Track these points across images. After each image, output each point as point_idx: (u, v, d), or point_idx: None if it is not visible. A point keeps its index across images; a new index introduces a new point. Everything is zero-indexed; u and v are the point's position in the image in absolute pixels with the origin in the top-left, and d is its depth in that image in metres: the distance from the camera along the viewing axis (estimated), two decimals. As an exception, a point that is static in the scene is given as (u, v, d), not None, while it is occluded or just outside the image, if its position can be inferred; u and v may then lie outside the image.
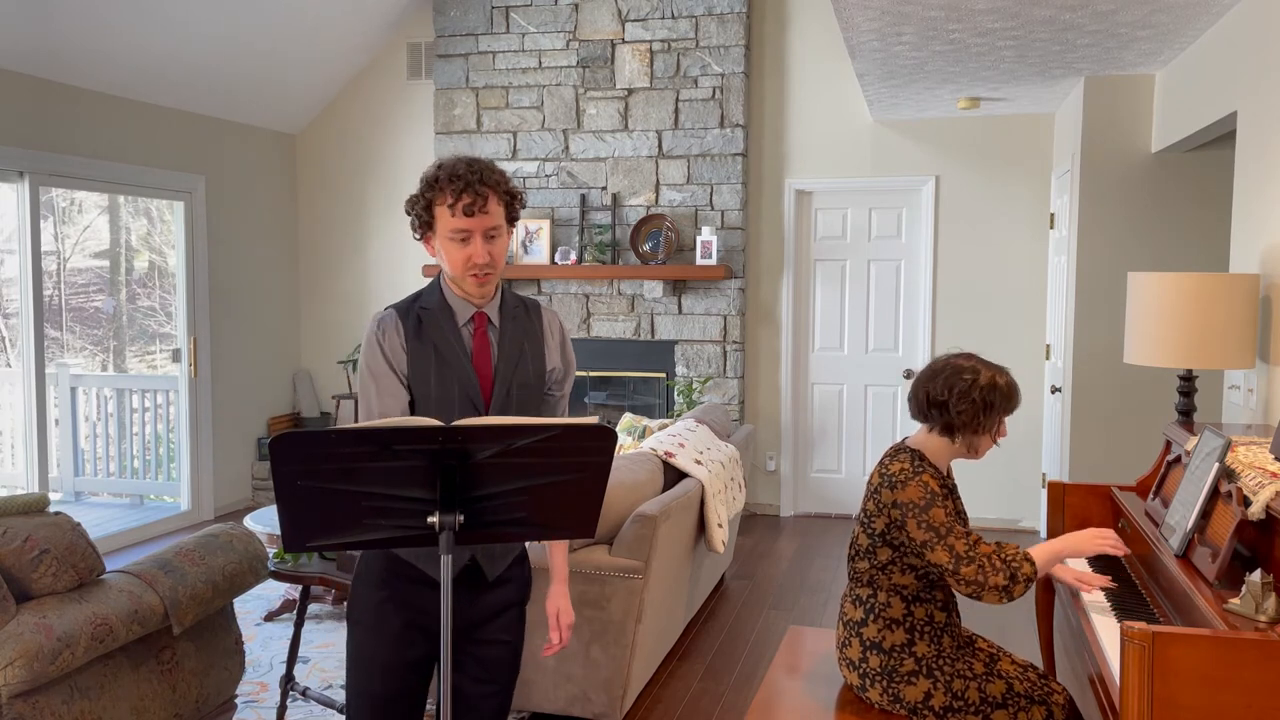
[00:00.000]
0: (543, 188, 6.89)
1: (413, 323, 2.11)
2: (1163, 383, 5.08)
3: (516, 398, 2.14)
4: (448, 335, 2.11)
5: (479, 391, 2.10)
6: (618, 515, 3.61)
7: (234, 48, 6.23)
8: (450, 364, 2.09)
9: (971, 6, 3.83)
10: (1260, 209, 3.47)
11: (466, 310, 2.13)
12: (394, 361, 2.09)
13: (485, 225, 2.04)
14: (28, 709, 2.41)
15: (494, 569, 2.15)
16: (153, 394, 7.12)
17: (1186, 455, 2.71)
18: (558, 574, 2.29)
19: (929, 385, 2.60)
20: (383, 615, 2.12)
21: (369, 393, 2.10)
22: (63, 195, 9.02)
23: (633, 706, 3.78)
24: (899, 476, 2.52)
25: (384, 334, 2.10)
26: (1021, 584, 2.42)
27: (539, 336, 2.21)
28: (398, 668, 2.13)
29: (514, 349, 2.15)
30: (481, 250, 2.05)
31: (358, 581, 2.18)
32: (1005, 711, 2.47)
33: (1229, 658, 1.85)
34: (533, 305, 2.24)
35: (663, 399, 6.84)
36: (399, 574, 2.12)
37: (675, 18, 6.58)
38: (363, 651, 2.15)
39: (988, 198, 6.44)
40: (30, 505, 2.67)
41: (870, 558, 2.58)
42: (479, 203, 2.02)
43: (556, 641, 2.26)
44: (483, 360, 2.12)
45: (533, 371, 2.17)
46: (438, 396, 2.08)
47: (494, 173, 2.07)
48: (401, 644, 2.12)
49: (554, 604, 2.27)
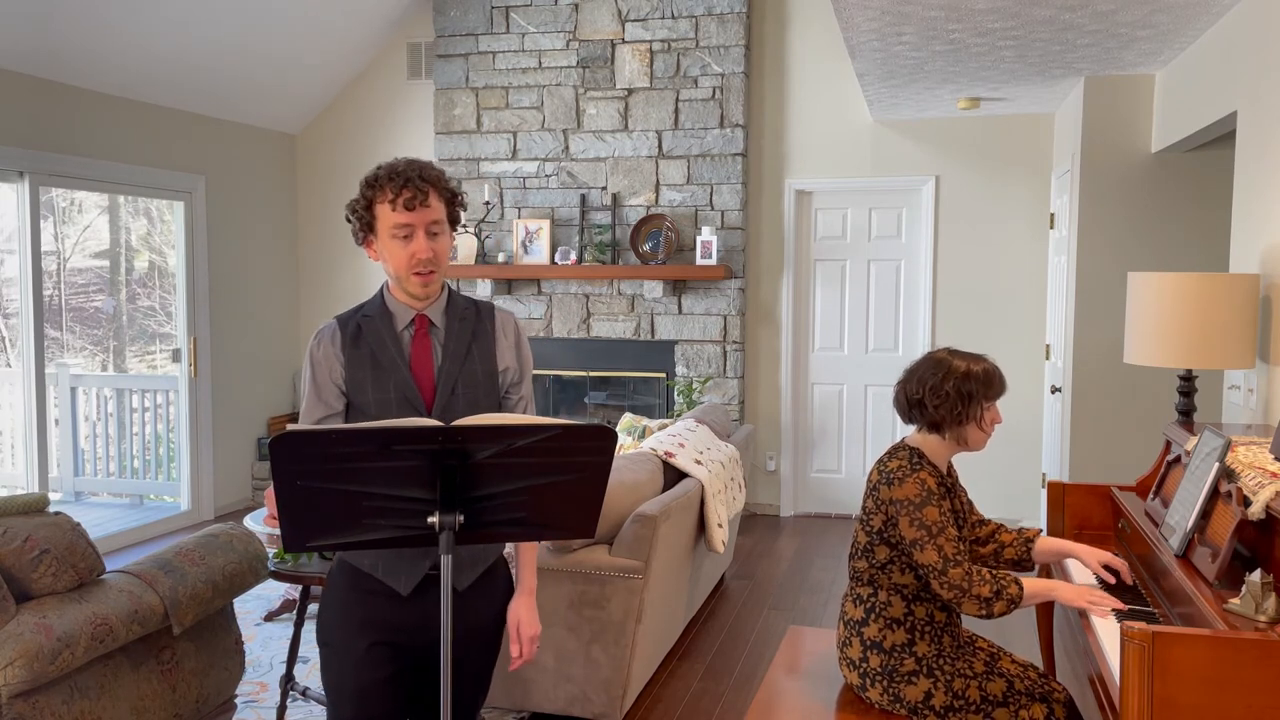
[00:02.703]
0: (543, 188, 6.89)
1: (351, 331, 2.11)
2: (1163, 383, 5.08)
3: (463, 399, 2.11)
4: (385, 340, 2.10)
5: (418, 394, 2.07)
6: (618, 515, 3.61)
7: (234, 48, 6.23)
8: (386, 368, 2.08)
9: (971, 6, 3.82)
10: (1260, 209, 3.47)
11: (407, 314, 2.12)
12: (326, 372, 2.10)
13: (427, 219, 2.04)
14: (28, 709, 2.41)
15: (460, 579, 2.11)
16: (153, 394, 7.12)
17: (1186, 455, 2.71)
18: (523, 584, 2.20)
19: (905, 386, 2.62)
20: (348, 637, 2.09)
21: (303, 403, 2.13)
22: (63, 195, 9.02)
23: (633, 706, 3.78)
24: (896, 473, 2.52)
25: (319, 344, 2.12)
26: (1004, 602, 2.41)
27: (489, 337, 2.18)
28: (369, 689, 2.08)
29: (459, 349, 2.13)
30: (424, 245, 2.04)
31: (323, 605, 2.15)
32: (1006, 710, 2.47)
33: (1229, 658, 1.85)
34: (485, 306, 2.22)
35: (663, 399, 6.84)
36: (361, 588, 2.09)
37: (675, 18, 6.58)
38: (332, 676, 2.11)
39: (988, 198, 6.44)
40: (30, 505, 2.67)
41: (869, 556, 2.58)
42: (420, 197, 2.02)
43: (517, 655, 2.15)
44: (423, 363, 2.10)
45: (482, 372, 2.14)
46: (376, 401, 2.07)
47: (434, 170, 2.08)
48: (370, 665, 2.08)
49: (515, 615, 2.16)
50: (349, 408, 2.12)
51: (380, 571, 2.07)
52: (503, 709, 3.65)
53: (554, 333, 6.91)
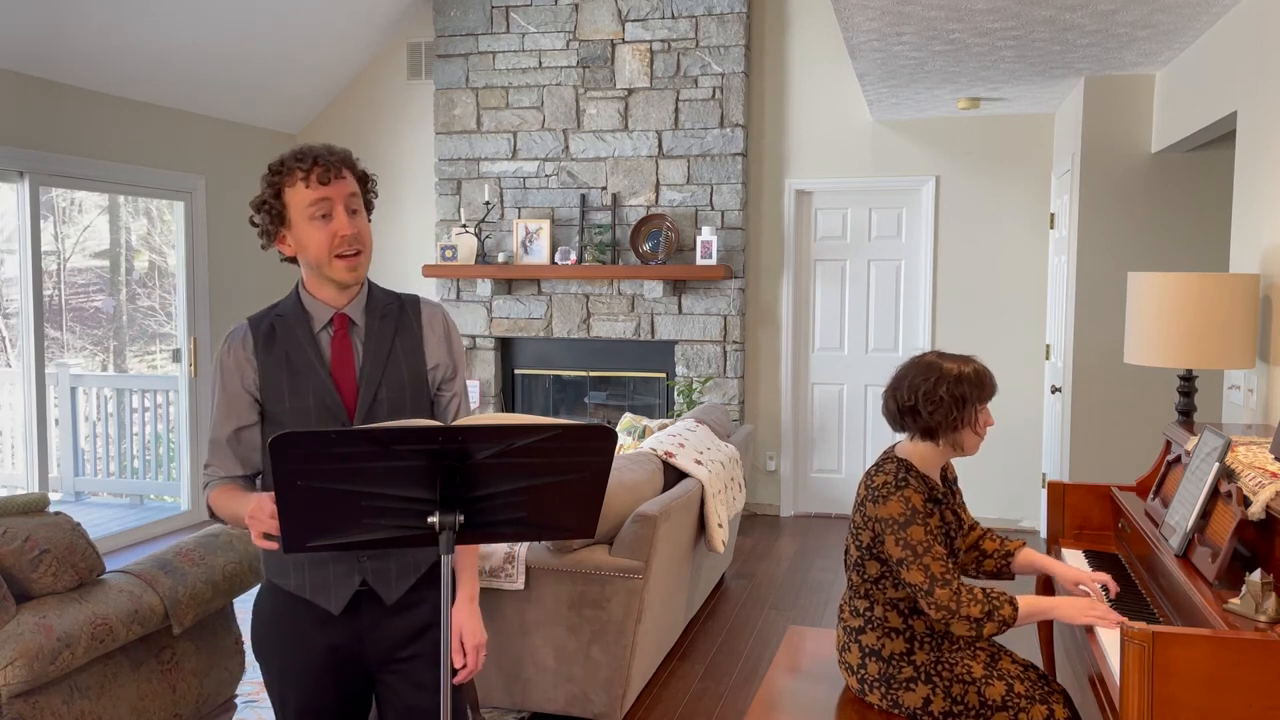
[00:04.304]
0: (543, 188, 6.89)
1: (264, 333, 1.98)
2: (1163, 383, 5.08)
3: (388, 402, 1.98)
4: (301, 342, 1.97)
5: (338, 399, 1.96)
6: (618, 515, 3.60)
7: (234, 48, 6.23)
8: (302, 373, 1.96)
9: (971, 6, 3.82)
10: (1260, 209, 3.47)
11: (325, 313, 1.99)
12: (237, 380, 1.98)
13: (344, 192, 1.92)
14: (28, 709, 2.41)
15: (391, 592, 1.98)
16: (153, 394, 7.12)
17: (1186, 455, 2.71)
18: (463, 589, 2.03)
19: (896, 393, 2.55)
20: (284, 659, 2.00)
21: (212, 415, 2.02)
22: (63, 195, 9.02)
23: (633, 706, 3.78)
24: (881, 490, 2.48)
25: (228, 350, 1.99)
26: (996, 623, 2.36)
27: (415, 333, 2.04)
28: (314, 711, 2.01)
29: (382, 350, 2.00)
30: (345, 222, 1.91)
31: (255, 624, 2.05)
32: (1005, 714, 2.46)
33: (1229, 658, 1.85)
34: (409, 300, 2.08)
35: (663, 399, 6.84)
36: (290, 609, 1.99)
37: (675, 18, 6.58)
38: (275, 696, 2.04)
39: (988, 198, 6.44)
40: (30, 505, 2.67)
41: (861, 571, 2.56)
42: (333, 170, 1.91)
43: (461, 666, 1.99)
44: (344, 365, 1.97)
45: (408, 371, 2.01)
46: (293, 408, 1.95)
47: (341, 149, 1.97)
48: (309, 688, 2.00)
49: (456, 623, 2.00)
50: (263, 418, 2.00)
51: (308, 592, 1.97)
52: (503, 709, 3.65)
53: (554, 333, 6.91)
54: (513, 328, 6.97)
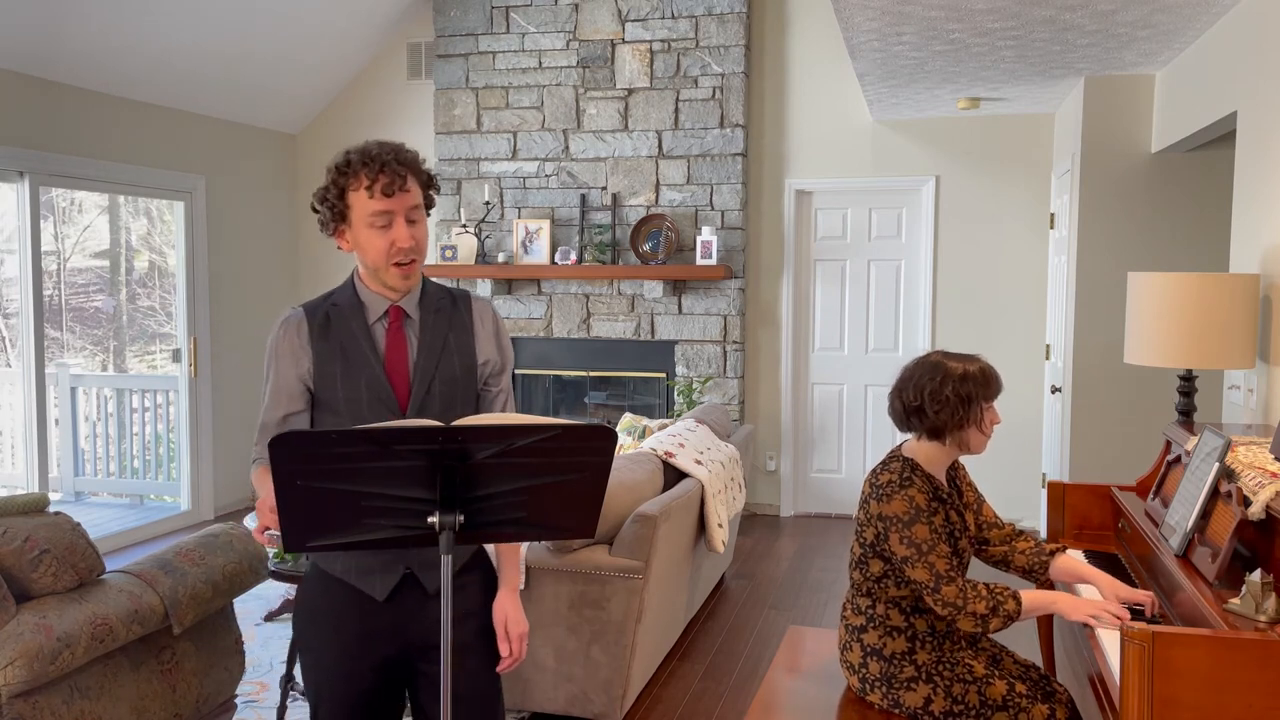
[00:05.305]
0: (543, 188, 6.89)
1: (319, 321, 1.99)
2: (1163, 383, 5.08)
3: (440, 396, 2.00)
4: (355, 333, 1.98)
5: (390, 393, 1.97)
6: (618, 515, 3.60)
7: (234, 48, 6.23)
8: (356, 364, 1.96)
9: (971, 6, 3.82)
10: (1260, 209, 3.47)
11: (380, 305, 2.00)
12: (291, 366, 1.98)
13: (407, 204, 1.93)
14: (28, 709, 2.41)
15: (434, 580, 2.00)
16: (153, 394, 7.12)
17: (1186, 455, 2.71)
18: (507, 580, 2.09)
19: (902, 393, 2.55)
20: (324, 645, 2.02)
21: (263, 402, 2.02)
22: (63, 195, 9.02)
23: (633, 706, 3.78)
24: (885, 489, 2.48)
25: (284, 334, 1.99)
26: (1001, 618, 2.37)
27: (467, 328, 2.06)
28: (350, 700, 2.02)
29: (436, 344, 2.01)
30: (405, 234, 1.92)
31: (297, 611, 2.07)
32: (1006, 714, 2.46)
33: (1229, 658, 1.85)
34: (460, 295, 2.10)
35: (663, 399, 6.84)
36: (334, 595, 2.00)
37: (675, 18, 6.58)
38: (311, 683, 2.05)
39: (988, 198, 6.44)
40: (30, 505, 2.67)
41: (864, 569, 2.56)
42: (399, 181, 1.92)
43: (507, 654, 2.05)
44: (397, 359, 1.98)
45: (460, 366, 2.03)
46: (346, 399, 1.96)
47: (409, 152, 1.98)
48: (347, 678, 2.00)
49: (501, 612, 2.06)
50: (315, 404, 2.00)
51: (353, 578, 1.99)
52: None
53: (554, 333, 6.91)
54: (513, 328, 6.97)
